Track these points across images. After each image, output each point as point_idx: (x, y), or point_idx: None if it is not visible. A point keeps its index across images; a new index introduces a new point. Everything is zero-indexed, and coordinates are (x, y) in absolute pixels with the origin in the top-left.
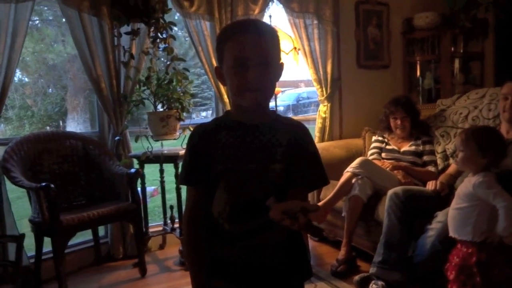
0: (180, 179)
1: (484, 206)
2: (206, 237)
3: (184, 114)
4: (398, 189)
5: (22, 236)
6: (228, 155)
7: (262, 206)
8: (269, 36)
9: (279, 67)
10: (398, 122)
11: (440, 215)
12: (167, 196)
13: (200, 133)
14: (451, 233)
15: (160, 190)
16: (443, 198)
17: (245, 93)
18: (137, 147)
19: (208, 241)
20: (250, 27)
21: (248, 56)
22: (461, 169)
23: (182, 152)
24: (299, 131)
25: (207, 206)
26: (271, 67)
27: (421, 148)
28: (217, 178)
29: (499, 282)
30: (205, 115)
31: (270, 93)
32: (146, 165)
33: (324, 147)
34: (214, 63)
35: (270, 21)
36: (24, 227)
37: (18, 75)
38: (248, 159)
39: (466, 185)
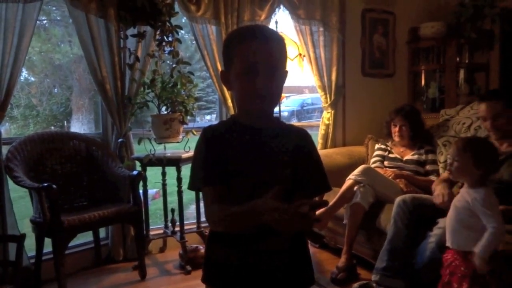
0: (194, 181)
1: (475, 221)
2: (210, 241)
3: (188, 117)
4: (407, 196)
5: (22, 236)
6: (238, 158)
7: None
8: (277, 43)
9: (285, 74)
10: (396, 129)
11: (441, 222)
12: (169, 199)
13: (213, 133)
14: (452, 245)
15: (162, 193)
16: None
17: (254, 99)
18: (140, 150)
19: (212, 246)
20: (259, 33)
21: (258, 62)
22: (455, 179)
23: (185, 155)
24: (303, 138)
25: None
26: (278, 73)
27: (423, 157)
28: (227, 180)
29: (510, 286)
30: (209, 119)
31: (277, 99)
32: (148, 168)
33: (327, 154)
34: (219, 67)
35: (276, 27)
36: (25, 227)
37: (24, 74)
38: (258, 163)
39: (463, 197)
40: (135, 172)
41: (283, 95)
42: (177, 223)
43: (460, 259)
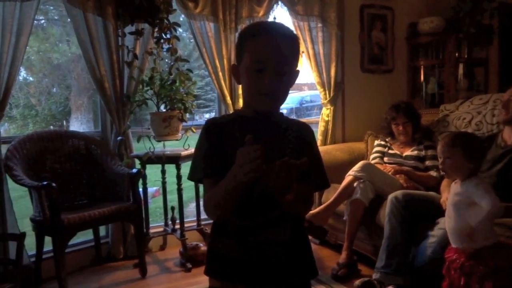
0: (194, 172)
1: (475, 211)
2: (214, 234)
3: (187, 115)
4: (398, 193)
5: (23, 235)
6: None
7: (274, 201)
8: (290, 43)
9: (295, 74)
10: (400, 128)
11: (441, 222)
12: (169, 197)
13: (215, 126)
14: (455, 244)
15: (162, 191)
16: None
17: (260, 97)
18: (139, 148)
19: (215, 238)
20: (272, 30)
21: (267, 60)
22: (450, 177)
23: (184, 153)
24: (305, 131)
25: None
26: (287, 74)
27: (423, 153)
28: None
29: (508, 285)
30: (208, 117)
31: (283, 100)
32: (148, 166)
33: (326, 150)
34: (218, 65)
35: None
36: (26, 226)
37: (22, 74)
38: None
39: (457, 193)
40: (134, 170)
41: None
42: (177, 221)
43: (473, 259)
